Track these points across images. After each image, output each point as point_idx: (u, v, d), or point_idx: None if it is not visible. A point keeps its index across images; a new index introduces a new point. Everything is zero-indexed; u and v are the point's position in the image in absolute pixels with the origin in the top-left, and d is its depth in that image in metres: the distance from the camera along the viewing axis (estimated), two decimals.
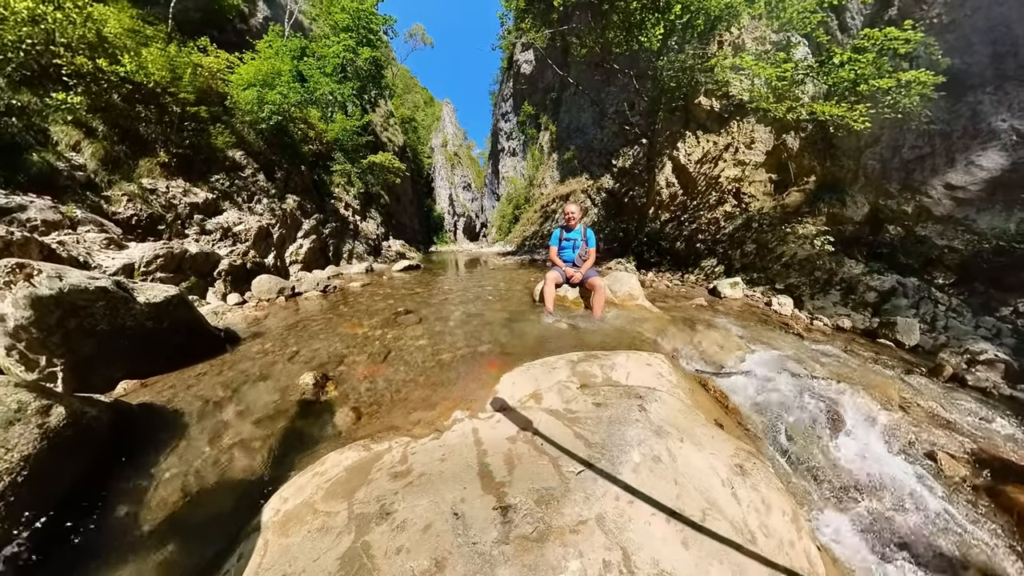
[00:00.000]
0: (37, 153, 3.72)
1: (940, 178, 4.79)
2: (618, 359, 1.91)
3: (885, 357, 3.27)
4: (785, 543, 1.00)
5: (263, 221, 5.71)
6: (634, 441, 1.17)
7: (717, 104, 7.10)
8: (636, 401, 1.42)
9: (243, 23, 9.16)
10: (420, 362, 2.19)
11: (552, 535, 0.82)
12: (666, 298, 4.70)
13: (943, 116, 4.85)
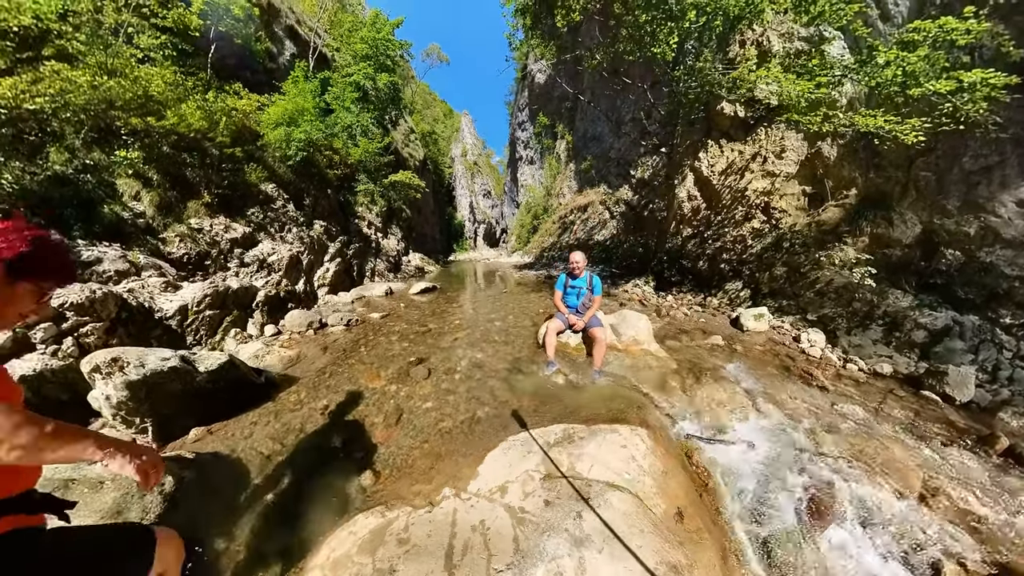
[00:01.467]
0: (107, 206, 4.31)
1: (1012, 193, 4.09)
2: (588, 448, 1.90)
3: (926, 417, 2.90)
4: None
5: (293, 250, 6.19)
6: (549, 554, 1.29)
7: (742, 110, 6.62)
8: (578, 506, 1.50)
9: (272, 62, 9.92)
10: (425, 427, 2.44)
11: None
12: (680, 333, 4.49)
13: (1018, 117, 4.09)
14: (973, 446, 2.49)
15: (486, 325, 4.67)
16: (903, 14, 5.27)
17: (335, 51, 12.18)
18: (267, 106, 7.07)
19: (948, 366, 3.35)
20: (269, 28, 10.13)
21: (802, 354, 3.91)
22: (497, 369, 3.19)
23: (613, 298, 6.49)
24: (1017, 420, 2.92)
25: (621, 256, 8.86)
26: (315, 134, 7.30)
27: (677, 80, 6.26)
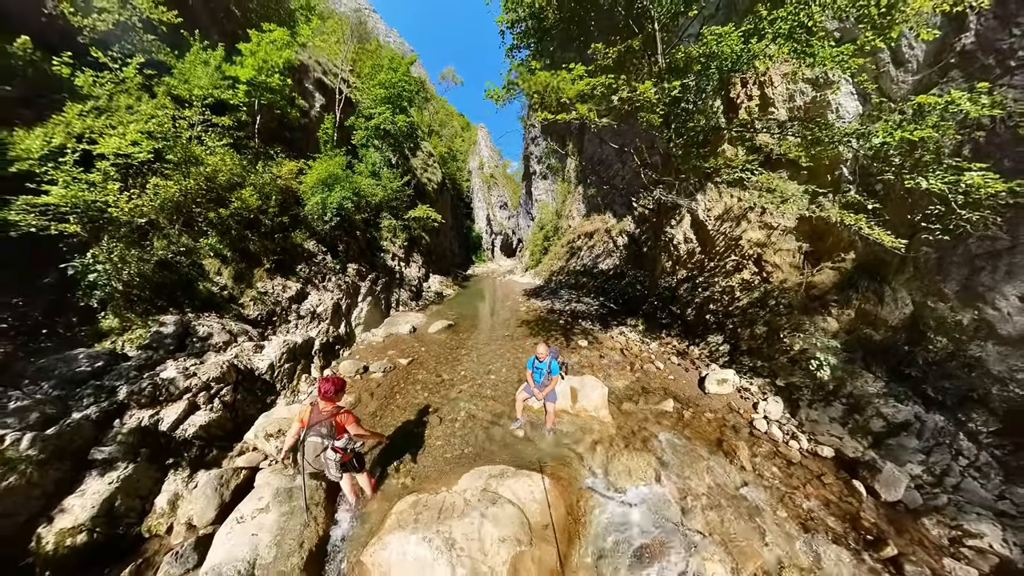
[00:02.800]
0: (200, 283, 5.84)
1: (1017, 286, 3.71)
2: (508, 481, 3.06)
3: (835, 510, 3.16)
4: None
5: (334, 297, 7.60)
6: (473, 515, 2.63)
7: (743, 153, 6.52)
8: (491, 503, 2.79)
9: (304, 117, 11.31)
10: (436, 457, 3.76)
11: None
12: (641, 394, 5.01)
13: None
14: (858, 546, 2.82)
15: (484, 378, 5.63)
16: (918, 58, 4.73)
17: (359, 91, 13.41)
18: (305, 171, 8.44)
19: (885, 463, 3.49)
20: (300, 85, 11.53)
21: (749, 425, 4.24)
22: (483, 421, 4.37)
23: (599, 344, 7.00)
24: (939, 528, 3.06)
25: (620, 291, 9.11)
26: (347, 203, 8.56)
27: (667, 140, 6.38)
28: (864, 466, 3.58)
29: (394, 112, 11.79)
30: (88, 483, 2.86)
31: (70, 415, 3.09)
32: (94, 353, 3.82)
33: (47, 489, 2.73)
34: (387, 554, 2.36)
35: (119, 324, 4.34)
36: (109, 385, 3.51)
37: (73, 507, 2.70)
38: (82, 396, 3.31)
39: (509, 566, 2.28)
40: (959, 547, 2.97)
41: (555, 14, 5.72)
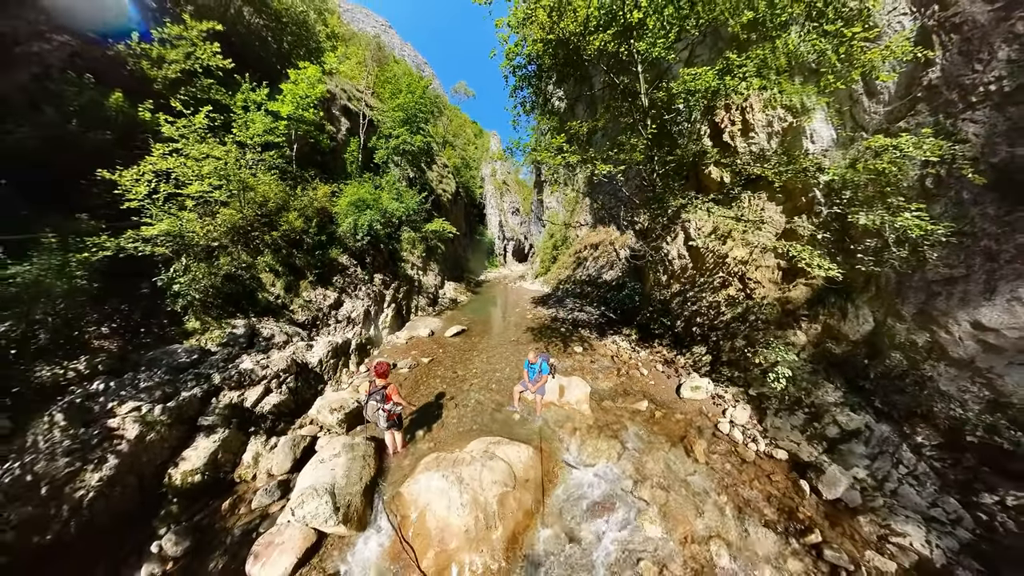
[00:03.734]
0: (259, 293, 7.16)
1: (969, 312, 3.90)
2: (502, 448, 4.01)
3: (775, 502, 3.65)
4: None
5: (364, 305, 8.80)
6: (476, 465, 3.54)
7: (727, 176, 6.98)
8: (489, 458, 3.69)
9: (332, 140, 12.71)
10: (452, 429, 4.76)
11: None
12: (621, 395, 5.70)
13: (989, 228, 3.82)
14: (786, 532, 3.33)
15: (491, 375, 6.61)
16: (889, 90, 4.91)
17: (377, 111, 14.75)
18: (337, 193, 9.74)
19: (831, 465, 3.95)
20: (328, 112, 12.96)
21: (713, 428, 4.79)
22: (488, 407, 5.39)
23: (593, 351, 7.69)
24: (871, 526, 3.44)
25: (619, 301, 9.67)
26: (376, 224, 9.82)
27: (651, 172, 6.97)
28: (812, 468, 4.03)
29: (412, 132, 13.03)
30: (198, 441, 4.01)
31: (180, 393, 4.24)
32: (188, 348, 5.03)
33: (172, 444, 3.90)
34: (417, 487, 3.38)
35: (200, 325, 5.60)
36: (205, 372, 4.69)
37: (190, 457, 3.86)
38: (186, 380, 4.46)
39: (497, 499, 3.20)
40: (884, 543, 3.34)
41: (550, 60, 6.53)
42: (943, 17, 4.14)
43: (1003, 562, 3.13)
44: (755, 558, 3.12)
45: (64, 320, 4.35)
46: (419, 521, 3.17)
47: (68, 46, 5.95)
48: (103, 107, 5.97)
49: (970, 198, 3.97)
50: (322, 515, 3.20)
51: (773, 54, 4.95)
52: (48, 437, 3.34)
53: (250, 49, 9.79)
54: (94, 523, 3.18)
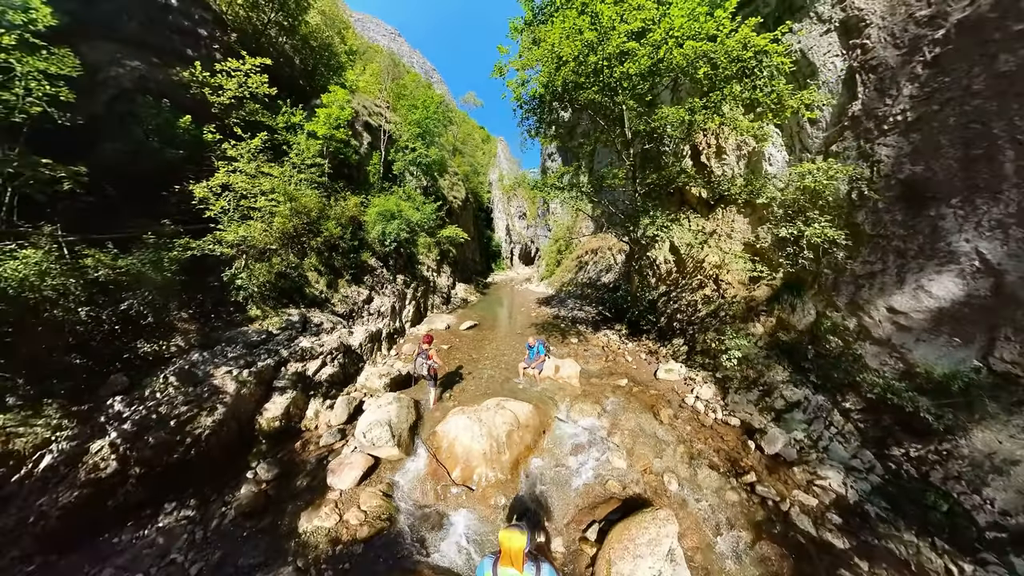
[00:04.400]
0: (306, 288, 8.49)
1: (885, 299, 4.76)
2: (510, 404, 5.03)
3: (722, 452, 4.61)
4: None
5: (391, 301, 10.10)
6: (490, 410, 4.85)
7: (705, 192, 8.08)
8: (500, 408, 4.82)
9: (356, 154, 14.12)
10: (472, 393, 6.05)
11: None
12: (607, 375, 6.81)
13: (898, 231, 4.71)
14: (727, 473, 4.23)
15: (500, 358, 7.97)
16: (826, 119, 5.86)
17: (394, 125, 16.22)
18: (365, 203, 11.13)
19: (770, 424, 4.94)
20: (352, 127, 14.42)
21: (680, 401, 5.78)
22: (498, 379, 6.70)
23: (587, 342, 8.81)
24: (803, 474, 4.25)
25: (613, 301, 10.72)
26: (402, 233, 11.16)
27: (633, 192, 8.15)
28: (759, 432, 4.99)
29: (427, 145, 14.48)
30: (275, 398, 5.22)
31: (258, 363, 5.45)
32: (256, 330, 6.27)
33: (257, 399, 5.11)
34: (448, 426, 4.54)
35: (260, 313, 6.88)
36: (274, 348, 5.93)
37: (271, 409, 5.07)
38: (259, 353, 5.67)
39: (506, 434, 4.35)
40: (811, 486, 4.16)
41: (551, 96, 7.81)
42: (863, 60, 5.12)
43: (904, 500, 3.94)
44: (699, 489, 4.03)
45: (159, 306, 5.49)
46: (449, 448, 4.31)
47: (137, 71, 7.25)
48: (175, 127, 7.28)
49: (884, 207, 4.87)
50: (383, 438, 4.43)
51: (723, 100, 6.11)
52: (165, 392, 4.52)
53: (280, 70, 11.19)
54: (208, 453, 4.35)
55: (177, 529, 3.64)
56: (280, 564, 3.21)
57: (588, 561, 3.19)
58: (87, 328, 4.67)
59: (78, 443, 3.77)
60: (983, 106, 3.86)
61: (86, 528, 3.46)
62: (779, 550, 3.31)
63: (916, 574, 3.19)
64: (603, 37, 6.11)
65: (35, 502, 3.38)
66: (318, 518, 3.64)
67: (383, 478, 4.21)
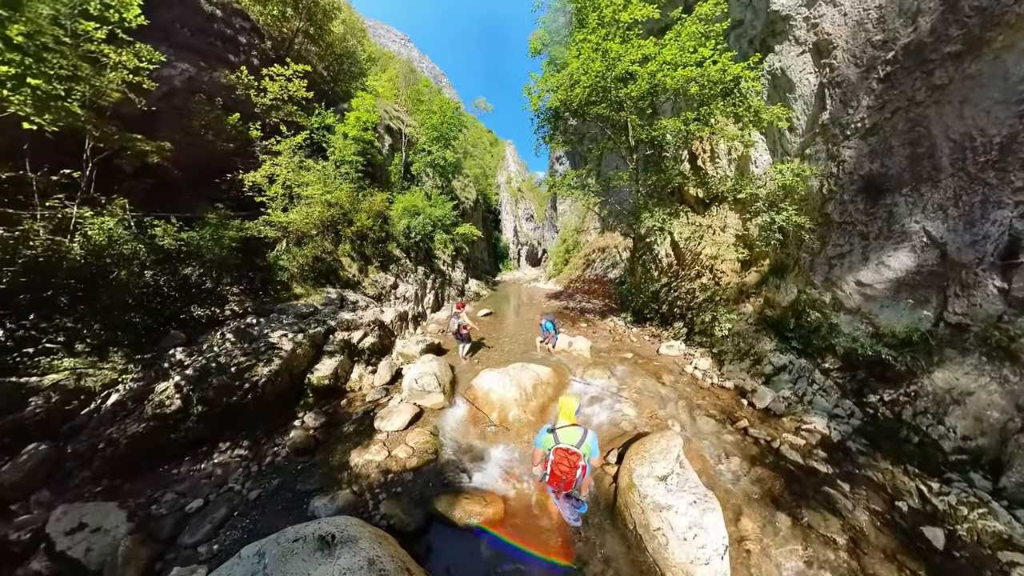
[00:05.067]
0: (340, 272, 9.34)
1: (853, 275, 5.54)
2: (532, 367, 5.86)
3: (718, 405, 5.30)
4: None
5: (414, 288, 10.97)
6: (516, 369, 5.60)
7: (701, 192, 9.02)
8: (526, 367, 5.70)
9: (380, 154, 15.19)
10: (495, 360, 7.02)
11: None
12: (613, 350, 7.61)
13: (861, 218, 5.52)
14: (723, 421, 4.91)
15: (517, 337, 8.99)
16: (802, 126, 6.76)
17: (412, 128, 17.32)
18: (391, 200, 12.09)
19: (759, 386, 5.73)
20: (375, 131, 15.55)
21: (680, 370, 6.53)
22: (517, 351, 7.67)
23: (595, 326, 9.65)
24: (791, 423, 4.92)
25: (619, 294, 11.59)
26: (426, 228, 12.15)
27: (635, 192, 9.12)
28: (751, 392, 5.79)
29: (443, 148, 15.57)
30: (325, 361, 5.95)
31: (309, 329, 6.19)
32: (304, 304, 7.08)
33: (309, 358, 5.82)
34: (481, 380, 5.30)
35: (303, 291, 7.73)
36: (322, 319, 6.68)
37: (321, 369, 5.79)
38: (310, 322, 6.43)
39: (532, 385, 5.15)
40: (799, 431, 4.81)
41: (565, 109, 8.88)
42: (831, 77, 6.07)
43: (880, 438, 4.61)
44: (700, 431, 4.72)
45: (215, 277, 6.25)
46: (485, 397, 5.06)
47: (187, 72, 8.23)
48: (224, 123, 8.29)
49: (849, 199, 5.74)
50: (432, 384, 5.22)
51: (711, 113, 7.19)
52: (222, 346, 5.12)
53: (309, 75, 12.30)
54: (263, 399, 4.87)
55: (232, 464, 3.98)
56: (336, 488, 3.57)
57: (611, 479, 3.72)
58: (149, 290, 5.25)
59: (144, 383, 4.25)
60: (924, 112, 4.75)
61: (149, 458, 3.81)
62: (772, 474, 3.88)
63: (892, 495, 3.77)
64: (611, 66, 7.39)
65: (105, 431, 3.76)
66: (368, 454, 4.09)
67: (428, 422, 4.88)
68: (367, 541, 2.27)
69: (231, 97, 9.11)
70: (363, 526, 2.48)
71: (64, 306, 4.35)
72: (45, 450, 3.56)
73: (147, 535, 3.01)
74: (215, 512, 3.31)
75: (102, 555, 2.76)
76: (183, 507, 3.39)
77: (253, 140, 9.01)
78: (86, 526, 2.90)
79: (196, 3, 9.58)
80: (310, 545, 2.13)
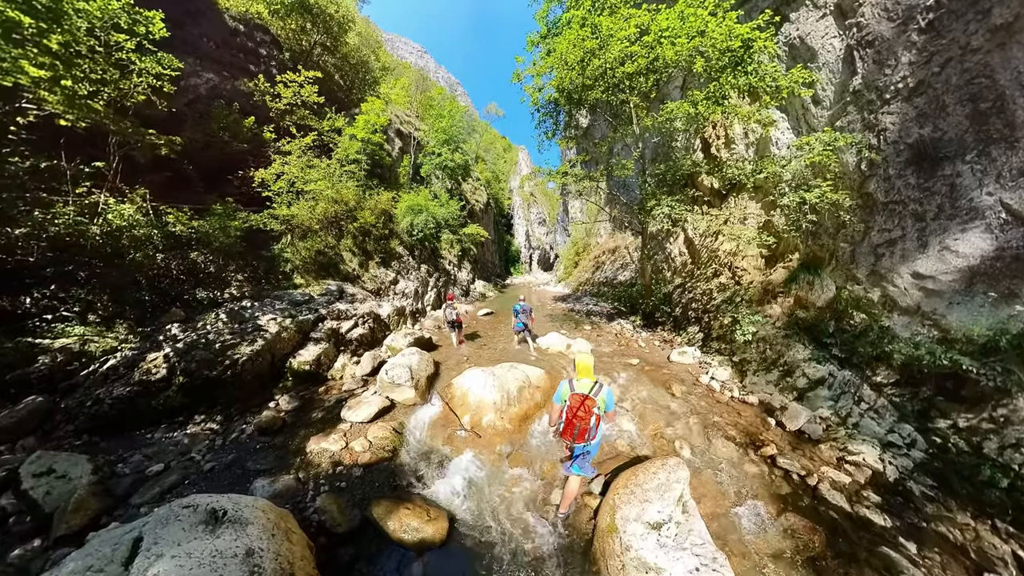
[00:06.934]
0: (341, 266, 9.27)
1: (908, 265, 4.52)
2: (521, 367, 5.20)
3: (738, 426, 4.38)
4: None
5: (415, 285, 10.78)
6: (504, 369, 4.92)
7: (716, 182, 8.11)
8: (515, 367, 4.92)
9: (389, 157, 15.37)
10: (486, 358, 6.38)
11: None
12: (617, 356, 6.82)
13: (914, 195, 4.52)
14: (746, 445, 3.97)
15: (513, 337, 7.93)
16: (829, 98, 5.82)
17: (422, 132, 17.52)
18: (397, 199, 12.09)
19: (791, 403, 4.73)
20: (386, 134, 15.80)
21: (694, 380, 5.64)
22: (510, 351, 7.12)
23: (600, 329, 8.85)
24: (830, 452, 3.94)
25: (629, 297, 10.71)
26: (429, 226, 11.98)
27: (642, 184, 8.38)
28: (780, 409, 4.73)
29: (452, 151, 15.55)
30: (309, 347, 5.78)
31: (300, 316, 6.06)
32: (301, 293, 7.06)
33: (294, 343, 5.70)
34: (463, 379, 4.80)
35: (304, 281, 7.71)
36: (314, 308, 6.58)
37: (304, 354, 5.62)
38: (302, 310, 6.34)
39: (517, 388, 4.55)
40: (842, 463, 3.82)
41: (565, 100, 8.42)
42: (860, 36, 5.16)
43: (954, 476, 3.56)
44: (715, 458, 3.83)
45: (220, 263, 6.64)
46: (462, 398, 4.53)
47: (211, 81, 8.88)
48: (241, 126, 8.70)
49: (895, 173, 4.77)
50: (403, 377, 4.84)
51: (721, 90, 6.40)
52: (215, 325, 5.27)
53: (324, 83, 12.74)
54: (242, 377, 4.91)
55: (201, 435, 4.13)
56: (283, 473, 3.51)
57: (591, 514, 3.02)
58: (159, 271, 5.76)
59: (138, 352, 4.55)
60: (984, 60, 3.83)
61: (129, 420, 4.08)
62: (808, 523, 2.97)
63: (977, 561, 2.82)
64: (604, 44, 6.76)
65: (95, 391, 4.08)
66: (325, 442, 3.92)
67: (396, 418, 4.53)
68: (258, 529, 2.10)
69: (250, 103, 9.67)
70: (269, 512, 2.34)
71: (82, 280, 4.89)
72: (41, 402, 3.87)
73: (104, 489, 3.17)
74: (168, 478, 3.42)
75: (58, 499, 2.92)
76: (144, 469, 3.53)
77: (267, 142, 9.41)
78: (54, 472, 3.09)
79: (221, 18, 10.34)
80: (198, 515, 2.04)
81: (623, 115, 8.62)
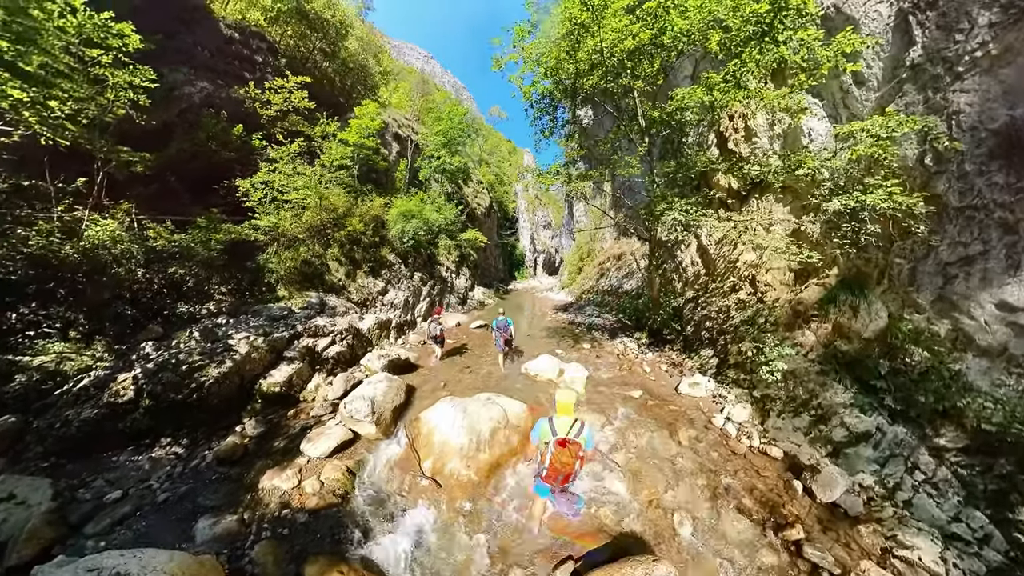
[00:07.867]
0: (327, 276, 8.87)
1: (992, 292, 3.47)
2: (500, 400, 4.55)
3: (756, 494, 3.50)
4: None
5: (405, 295, 10.28)
6: (481, 401, 4.26)
7: (735, 182, 7.03)
8: (490, 401, 4.43)
9: (385, 162, 14.98)
10: (467, 385, 5.76)
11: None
12: (617, 384, 5.95)
13: (1001, 198, 3.43)
14: (764, 522, 3.16)
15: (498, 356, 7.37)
16: (877, 77, 4.74)
17: (421, 136, 17.11)
18: (390, 205, 11.63)
19: (825, 461, 3.74)
20: (383, 138, 15.40)
21: (707, 421, 4.77)
22: (495, 376, 6.46)
23: (601, 348, 7.95)
24: (875, 538, 3.06)
25: (635, 309, 9.71)
26: (420, 232, 11.50)
27: (650, 182, 7.39)
28: (808, 469, 3.79)
29: (451, 154, 14.98)
30: (282, 367, 5.38)
31: (274, 333, 5.69)
32: (280, 307, 6.69)
33: (265, 364, 5.32)
34: (431, 413, 4.26)
35: (287, 294, 7.34)
36: (291, 323, 6.19)
37: (275, 375, 5.22)
38: (278, 326, 5.97)
39: (490, 431, 3.92)
40: (888, 556, 2.98)
41: (560, 92, 7.57)
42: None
43: None
44: (723, 540, 3.07)
45: (201, 277, 6.36)
46: (427, 436, 3.95)
47: (205, 89, 8.64)
48: (229, 134, 8.45)
49: (974, 169, 3.67)
50: (362, 412, 4.34)
51: (743, 68, 5.29)
52: (187, 344, 4.99)
53: (321, 88, 12.45)
54: (208, 400, 4.61)
55: (164, 461, 3.97)
56: (228, 512, 3.30)
57: None
58: (141, 286, 5.64)
59: (110, 373, 4.40)
60: None
61: (96, 443, 3.95)
62: None
63: None
64: (597, 15, 5.79)
65: (64, 413, 3.98)
66: (279, 478, 3.64)
67: (356, 455, 4.06)
68: None
69: (241, 110, 9.48)
70: (182, 573, 2.23)
71: (61, 297, 4.83)
72: (13, 422, 3.78)
73: (60, 517, 3.08)
74: (122, 508, 3.32)
75: (14, 527, 2.86)
76: (103, 496, 3.44)
77: (256, 149, 9.17)
78: (14, 497, 3.02)
79: (215, 26, 10.24)
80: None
81: (626, 108, 7.72)
